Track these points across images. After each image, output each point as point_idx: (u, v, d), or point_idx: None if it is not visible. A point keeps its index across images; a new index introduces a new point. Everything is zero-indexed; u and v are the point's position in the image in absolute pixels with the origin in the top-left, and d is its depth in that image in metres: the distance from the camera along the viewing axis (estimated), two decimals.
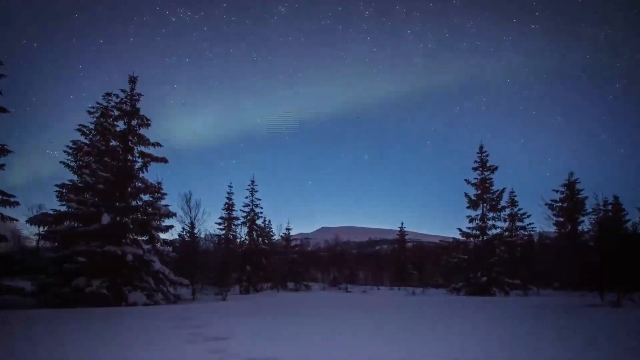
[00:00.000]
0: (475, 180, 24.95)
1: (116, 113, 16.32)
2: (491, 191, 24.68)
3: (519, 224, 26.51)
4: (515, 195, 26.80)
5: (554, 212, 27.72)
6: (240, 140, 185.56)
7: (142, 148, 16.47)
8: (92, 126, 16.07)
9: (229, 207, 29.32)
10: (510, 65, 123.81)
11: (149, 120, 16.52)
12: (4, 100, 12.77)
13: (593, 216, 24.75)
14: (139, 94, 16.54)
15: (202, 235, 25.72)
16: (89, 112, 16.10)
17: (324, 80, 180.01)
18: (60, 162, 15.51)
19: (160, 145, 16.60)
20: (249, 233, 30.35)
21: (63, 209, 14.95)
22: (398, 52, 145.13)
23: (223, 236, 29.04)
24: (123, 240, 14.88)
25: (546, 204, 27.63)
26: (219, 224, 29.10)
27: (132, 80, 16.42)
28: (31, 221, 14.66)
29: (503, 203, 25.07)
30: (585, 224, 26.21)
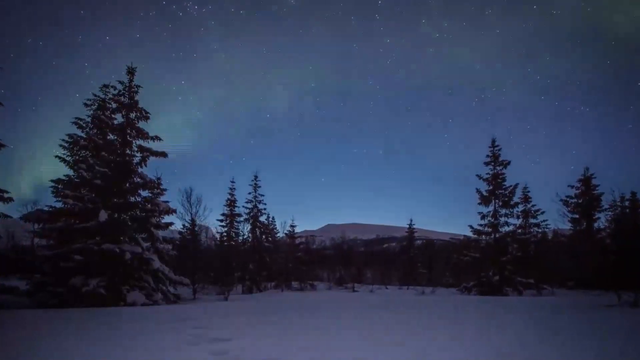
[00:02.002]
0: (487, 176, 24.14)
1: (114, 105, 15.78)
2: (503, 187, 23.84)
3: (532, 220, 25.49)
4: (529, 191, 25.84)
5: (569, 209, 26.97)
6: (247, 136, 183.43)
7: (140, 142, 15.96)
8: (89, 119, 15.51)
9: (231, 203, 28.50)
10: (531, 53, 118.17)
11: (148, 113, 16.00)
12: None
13: (609, 213, 23.85)
14: (138, 86, 16.00)
15: (203, 233, 25.21)
16: (86, 105, 15.57)
17: (334, 73, 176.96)
18: (56, 156, 14.98)
19: (160, 139, 16.05)
20: (252, 230, 29.65)
21: (59, 205, 14.34)
22: (412, 43, 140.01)
23: (225, 233, 28.43)
24: (121, 238, 14.33)
25: (561, 200, 26.97)
26: (221, 220, 28.35)
27: (131, 72, 15.88)
28: (26, 218, 14.18)
29: (516, 199, 24.24)
30: (602, 221, 25.46)
